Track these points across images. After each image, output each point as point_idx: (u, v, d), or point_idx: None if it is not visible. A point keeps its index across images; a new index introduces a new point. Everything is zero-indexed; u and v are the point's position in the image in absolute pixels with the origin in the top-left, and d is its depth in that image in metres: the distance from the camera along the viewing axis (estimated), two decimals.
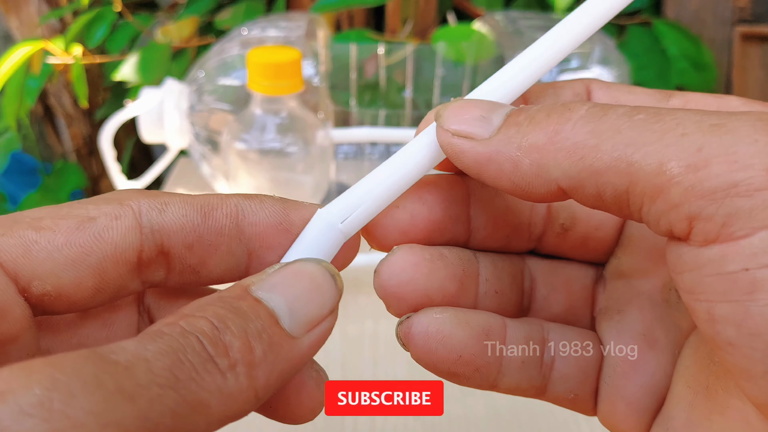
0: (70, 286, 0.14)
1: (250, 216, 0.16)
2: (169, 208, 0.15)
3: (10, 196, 0.99)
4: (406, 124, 0.55)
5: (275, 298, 0.14)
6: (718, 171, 0.12)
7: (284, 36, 0.50)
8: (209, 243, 0.15)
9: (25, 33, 0.87)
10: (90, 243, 0.14)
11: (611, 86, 0.17)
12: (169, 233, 0.15)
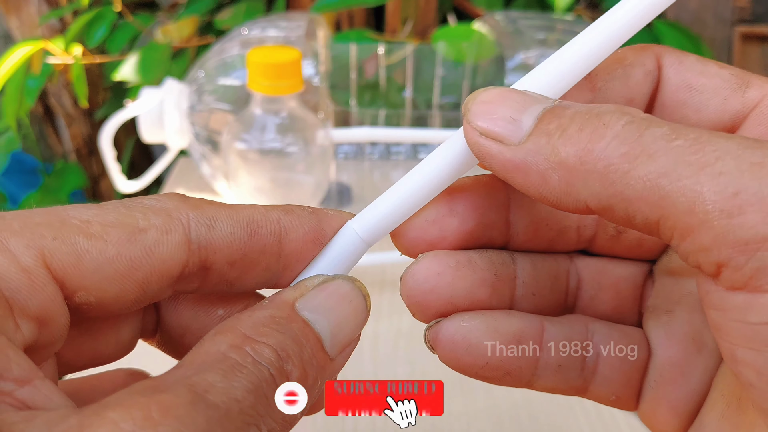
0: (113, 298, 0.14)
1: (291, 233, 0.16)
2: (218, 225, 0.15)
3: (10, 195, 0.99)
4: (406, 123, 0.55)
5: (320, 321, 0.15)
6: (753, 221, 0.11)
7: (284, 36, 0.50)
8: (252, 260, 0.15)
9: (25, 33, 0.87)
10: (140, 257, 0.14)
11: (684, 62, 0.16)
12: (216, 250, 0.15)
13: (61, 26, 0.87)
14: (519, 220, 0.17)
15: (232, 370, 0.12)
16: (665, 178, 0.12)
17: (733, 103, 0.16)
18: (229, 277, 0.15)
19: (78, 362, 0.16)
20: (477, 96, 0.15)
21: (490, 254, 0.17)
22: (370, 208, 0.16)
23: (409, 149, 0.56)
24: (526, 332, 0.16)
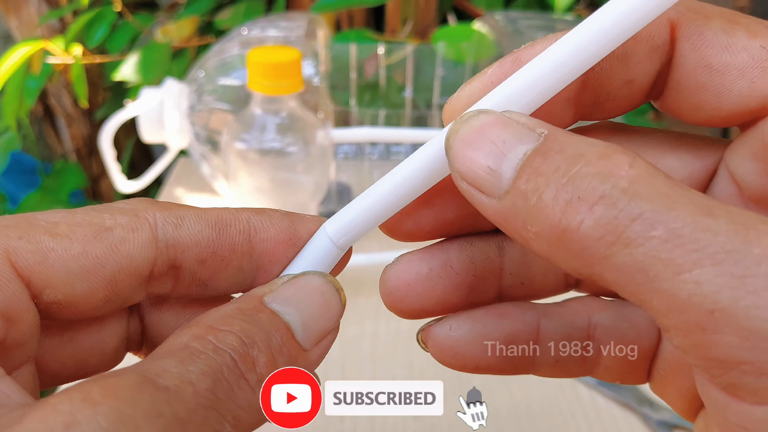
0: (82, 296, 0.14)
1: (262, 232, 0.16)
2: (185, 223, 0.15)
3: (10, 195, 0.99)
4: (406, 123, 0.55)
5: (290, 311, 0.14)
6: (727, 342, 0.11)
7: (284, 36, 0.50)
8: (222, 258, 0.15)
9: (25, 33, 0.88)
10: (106, 254, 0.14)
11: (705, 34, 0.14)
12: (184, 248, 0.15)
13: (61, 26, 0.87)
14: None
15: (189, 356, 0.12)
16: (642, 274, 0.11)
17: (762, 85, 0.14)
18: (201, 277, 0.15)
19: (63, 373, 0.16)
20: (458, 130, 0.14)
21: (471, 251, 0.16)
22: (343, 211, 0.16)
23: (409, 149, 0.57)
24: (520, 334, 0.16)
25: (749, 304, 0.10)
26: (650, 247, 0.11)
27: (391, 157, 0.57)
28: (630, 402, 0.39)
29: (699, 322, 0.11)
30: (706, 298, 0.11)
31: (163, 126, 0.50)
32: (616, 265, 0.11)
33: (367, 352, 0.43)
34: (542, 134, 0.13)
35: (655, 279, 0.11)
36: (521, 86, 0.14)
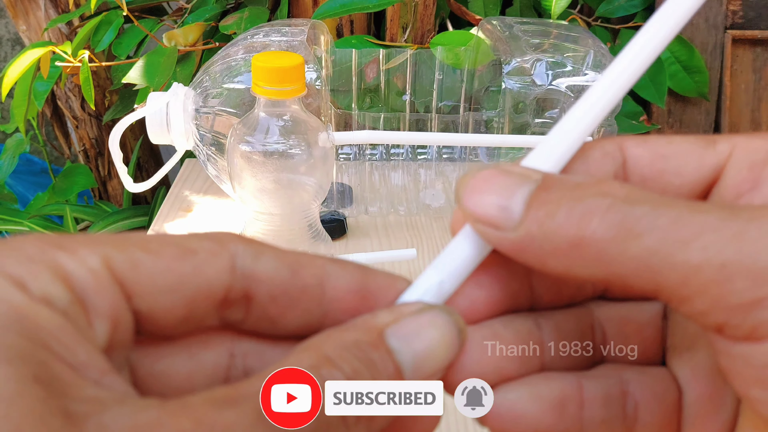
0: (162, 310, 0.15)
1: (334, 280, 0.16)
2: (263, 258, 0.16)
3: (19, 196, 1.00)
4: (405, 126, 0.56)
5: (405, 350, 0.15)
6: (742, 287, 0.13)
7: (287, 41, 0.51)
8: (292, 298, 0.16)
9: (33, 37, 0.89)
10: (187, 273, 0.15)
11: (647, 139, 0.17)
12: (258, 281, 0.15)
13: (69, 30, 0.88)
14: (541, 283, 0.18)
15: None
16: (655, 256, 0.13)
17: (708, 158, 0.16)
18: (270, 313, 0.16)
19: (152, 390, 0.16)
20: (466, 183, 0.16)
21: (515, 324, 0.17)
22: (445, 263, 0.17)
23: (409, 151, 0.57)
24: (568, 394, 0.17)
25: (751, 250, 0.13)
26: (658, 233, 0.13)
27: (390, 158, 0.58)
28: None
29: (713, 278, 0.13)
30: (715, 257, 0.13)
31: (169, 128, 0.51)
32: (631, 257, 0.13)
33: None
34: (539, 177, 0.15)
35: (668, 256, 0.13)
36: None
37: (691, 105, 0.83)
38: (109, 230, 0.90)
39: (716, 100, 0.84)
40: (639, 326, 0.18)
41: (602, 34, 0.80)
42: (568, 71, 0.52)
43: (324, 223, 0.51)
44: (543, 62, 0.52)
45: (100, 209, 0.95)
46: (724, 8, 0.81)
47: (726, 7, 0.81)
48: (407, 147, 0.57)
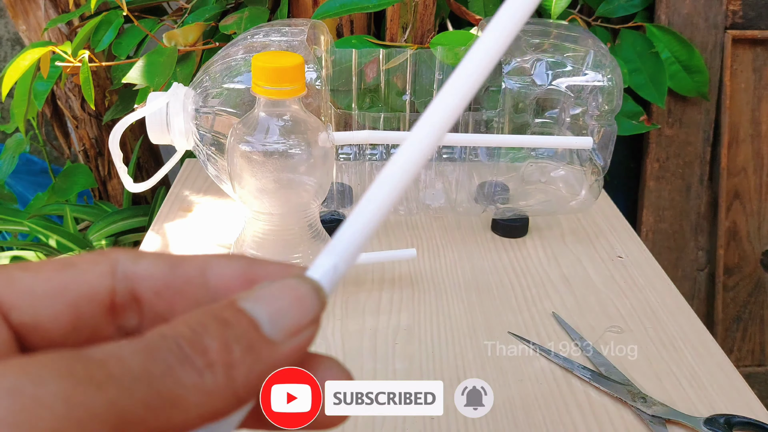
0: (47, 319, 0.15)
1: (216, 268, 0.17)
2: (142, 260, 0.16)
3: (19, 196, 1.00)
4: (405, 126, 0.56)
5: (258, 308, 0.15)
6: None
7: (287, 41, 0.51)
8: (176, 290, 0.16)
9: (33, 37, 0.89)
10: (67, 280, 0.15)
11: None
12: (140, 280, 0.16)
13: (69, 30, 0.88)
14: None
15: (130, 339, 0.13)
16: None
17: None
18: (159, 309, 0.16)
19: None
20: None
21: None
22: (337, 238, 0.17)
23: None
24: None
25: None
26: None
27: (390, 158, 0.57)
28: (623, 397, 0.39)
29: None
30: None
31: (169, 128, 0.51)
32: None
33: (367, 346, 0.44)
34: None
35: None
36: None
37: (691, 105, 0.83)
38: (109, 230, 0.90)
39: (716, 100, 0.84)
40: None
41: (602, 34, 0.80)
42: (568, 71, 0.52)
43: (324, 223, 0.50)
44: (543, 62, 0.52)
45: (100, 209, 0.95)
46: (724, 8, 0.81)
47: (726, 6, 0.81)
48: None
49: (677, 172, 0.86)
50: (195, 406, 0.13)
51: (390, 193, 0.17)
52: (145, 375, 0.12)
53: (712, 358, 0.44)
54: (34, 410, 0.11)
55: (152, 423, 0.12)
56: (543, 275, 0.52)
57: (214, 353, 0.13)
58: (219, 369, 0.13)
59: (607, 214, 0.62)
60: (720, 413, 0.38)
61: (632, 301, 0.49)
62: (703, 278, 0.90)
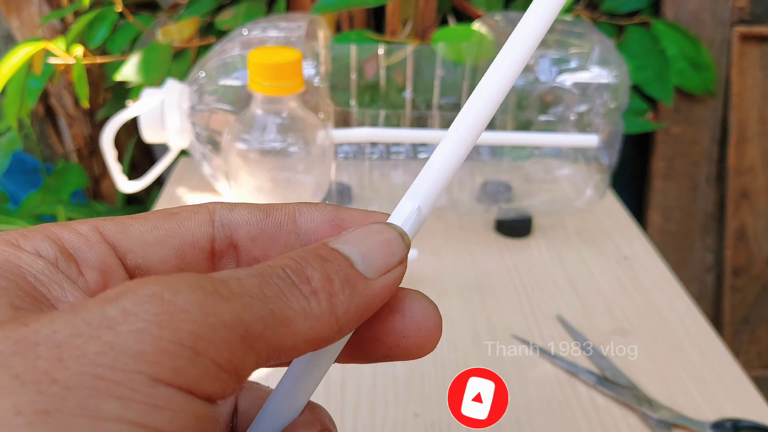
0: (157, 262, 0.17)
1: (306, 214, 0.18)
2: (237, 208, 0.18)
3: (11, 195, 1.00)
4: (405, 124, 0.56)
5: (350, 248, 0.16)
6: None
7: (285, 37, 0.51)
8: (270, 236, 0.18)
9: (26, 33, 0.88)
10: (173, 228, 0.17)
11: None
12: (237, 227, 0.18)
13: (63, 27, 0.87)
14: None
15: (242, 267, 0.15)
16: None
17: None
18: (255, 254, 0.18)
19: None
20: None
21: None
22: (420, 178, 0.18)
23: (409, 149, 0.57)
24: None
25: None
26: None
27: (390, 157, 0.57)
28: (629, 401, 0.39)
29: None
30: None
31: (164, 126, 0.50)
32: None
33: None
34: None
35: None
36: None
37: (698, 102, 0.83)
38: None
39: (723, 97, 0.83)
40: None
41: (607, 30, 0.80)
42: (572, 67, 0.51)
43: None
44: (547, 58, 0.51)
45: (93, 208, 0.94)
46: (731, 4, 0.80)
47: (733, 3, 0.80)
48: (408, 145, 0.56)
49: (684, 171, 0.85)
50: (303, 329, 0.14)
51: (468, 133, 0.18)
52: (261, 295, 0.14)
53: (720, 361, 0.43)
54: (175, 313, 0.12)
55: (269, 339, 0.14)
56: (547, 276, 0.52)
57: (317, 282, 0.15)
58: (322, 296, 0.15)
59: (613, 214, 0.61)
60: (727, 417, 0.38)
61: (638, 303, 0.49)
62: (711, 279, 0.89)
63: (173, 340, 0.12)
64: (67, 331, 0.12)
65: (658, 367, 0.42)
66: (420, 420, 0.38)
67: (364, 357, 0.17)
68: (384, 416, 0.38)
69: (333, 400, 0.39)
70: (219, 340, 0.12)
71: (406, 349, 0.17)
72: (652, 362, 0.43)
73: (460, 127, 0.17)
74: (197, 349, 0.12)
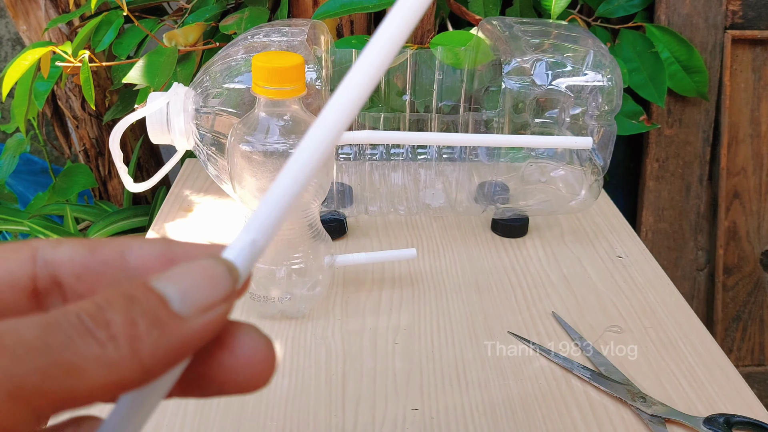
0: None
1: (136, 250, 0.17)
2: (62, 245, 0.17)
3: (19, 196, 1.01)
4: (405, 126, 0.56)
5: (168, 285, 0.15)
6: None
7: (287, 41, 0.51)
8: (96, 273, 0.17)
9: (33, 37, 0.89)
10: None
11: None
12: (60, 264, 0.17)
13: (70, 31, 0.88)
14: None
15: (31, 315, 0.14)
16: None
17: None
18: (80, 291, 0.17)
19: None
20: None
21: None
22: (255, 213, 0.17)
23: (409, 151, 0.57)
24: None
25: None
26: None
27: (390, 158, 0.58)
28: (623, 396, 0.39)
29: None
30: None
31: (169, 128, 0.51)
32: None
33: (367, 346, 0.44)
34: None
35: None
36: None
37: (691, 105, 0.83)
38: (109, 230, 0.90)
39: (716, 100, 0.84)
40: None
41: (602, 34, 0.80)
42: (568, 71, 0.52)
43: (324, 223, 0.51)
44: (543, 62, 0.52)
45: (100, 209, 0.95)
46: (724, 8, 0.81)
47: (726, 7, 0.81)
48: (407, 147, 0.57)
49: (677, 172, 0.86)
50: (97, 375, 0.13)
51: (302, 168, 0.17)
52: (40, 345, 0.13)
53: (712, 358, 0.44)
54: None
55: (51, 391, 0.13)
56: (543, 275, 0.52)
57: (117, 326, 0.14)
58: (122, 341, 0.14)
59: (607, 214, 0.62)
60: (719, 413, 0.38)
61: (632, 301, 0.49)
62: (703, 278, 0.90)
63: None
64: None
65: (651, 364, 0.43)
66: (419, 414, 0.38)
67: (198, 391, 0.17)
68: (384, 411, 0.39)
69: (334, 394, 0.40)
70: None
71: (237, 384, 0.16)
72: (646, 359, 0.43)
73: (296, 162, 0.17)
74: None
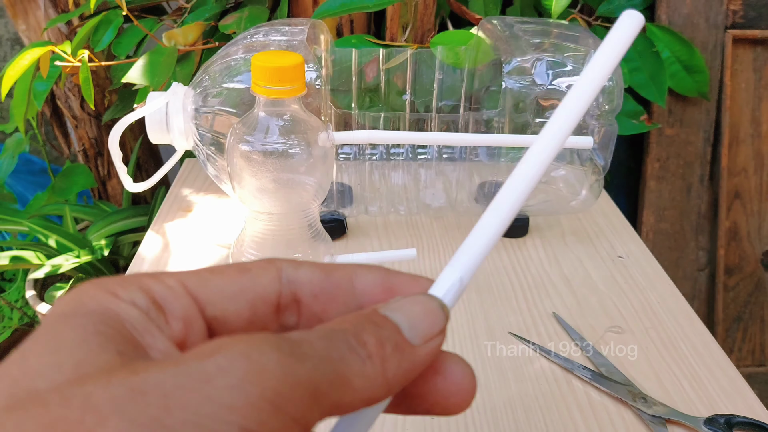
0: (232, 314, 0.18)
1: (361, 276, 0.20)
2: (301, 267, 0.20)
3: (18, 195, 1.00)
4: (405, 126, 0.56)
5: (398, 315, 0.18)
6: None
7: (287, 41, 0.51)
8: (330, 294, 0.19)
9: (32, 37, 0.89)
10: (246, 284, 0.19)
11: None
12: (301, 284, 0.19)
13: (69, 30, 0.88)
14: None
15: (308, 329, 0.16)
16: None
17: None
18: (315, 310, 0.19)
19: None
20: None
21: None
22: (461, 252, 0.20)
23: (409, 151, 0.57)
24: None
25: None
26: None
27: (390, 158, 0.57)
28: (624, 397, 0.39)
29: None
30: None
31: (169, 128, 0.51)
32: None
33: None
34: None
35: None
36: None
37: (692, 104, 0.83)
38: (108, 230, 0.90)
39: (717, 100, 0.84)
40: None
41: (603, 34, 0.80)
42: (568, 71, 0.52)
43: (324, 223, 0.50)
44: (543, 62, 0.52)
45: (99, 209, 0.95)
46: (725, 8, 0.81)
47: (726, 6, 0.81)
48: (407, 147, 0.57)
49: (678, 172, 0.86)
50: (359, 388, 0.16)
51: (507, 212, 0.20)
52: (328, 357, 0.15)
53: (713, 358, 0.44)
54: (261, 372, 0.14)
55: (333, 397, 0.15)
56: (543, 275, 0.52)
57: (372, 346, 0.16)
58: (376, 360, 0.16)
59: (608, 214, 0.62)
60: (720, 413, 0.38)
61: (633, 301, 0.49)
62: (704, 278, 0.90)
63: (260, 396, 0.14)
64: (171, 382, 0.14)
65: (652, 364, 0.43)
66: (419, 421, 0.38)
67: (407, 410, 0.19)
68: (383, 416, 0.39)
69: None
70: (295, 397, 0.14)
71: (445, 407, 0.18)
72: (647, 359, 0.43)
73: (499, 207, 0.19)
74: (278, 405, 0.14)
